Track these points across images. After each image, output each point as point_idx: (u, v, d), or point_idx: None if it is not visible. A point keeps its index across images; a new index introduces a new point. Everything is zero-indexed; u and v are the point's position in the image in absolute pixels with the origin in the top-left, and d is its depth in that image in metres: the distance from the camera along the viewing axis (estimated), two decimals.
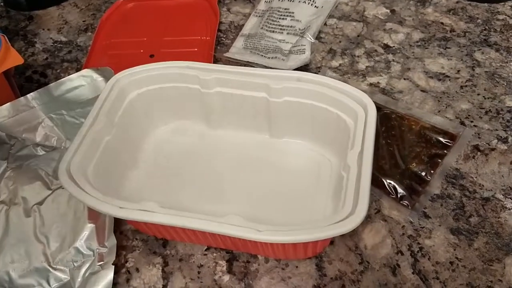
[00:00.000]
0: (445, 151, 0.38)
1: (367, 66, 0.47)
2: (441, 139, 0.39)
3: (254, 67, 0.47)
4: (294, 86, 0.35)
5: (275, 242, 0.26)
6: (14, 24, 0.59)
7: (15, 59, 0.41)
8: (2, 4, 0.62)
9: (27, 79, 0.51)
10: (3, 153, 0.41)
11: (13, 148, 0.41)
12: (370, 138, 0.30)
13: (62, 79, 0.41)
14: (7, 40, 0.42)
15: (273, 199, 0.36)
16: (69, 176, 0.31)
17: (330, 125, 0.35)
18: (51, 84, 0.41)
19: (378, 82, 0.45)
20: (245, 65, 0.48)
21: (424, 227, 0.35)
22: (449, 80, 0.45)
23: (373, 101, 0.42)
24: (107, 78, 0.42)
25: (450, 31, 0.49)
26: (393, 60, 0.47)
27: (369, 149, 0.29)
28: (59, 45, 0.55)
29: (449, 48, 0.48)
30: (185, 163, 0.39)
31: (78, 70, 0.51)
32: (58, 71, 0.51)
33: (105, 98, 0.36)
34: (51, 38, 0.56)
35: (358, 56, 0.48)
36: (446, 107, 0.42)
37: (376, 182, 0.37)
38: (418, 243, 0.34)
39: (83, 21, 0.58)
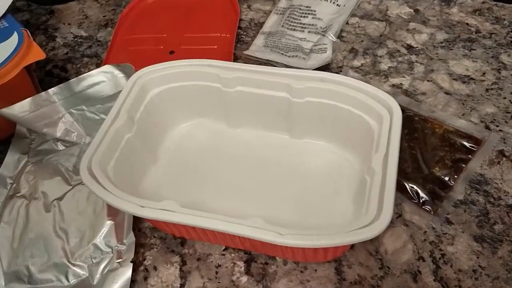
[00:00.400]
0: (469, 155, 0.37)
1: (389, 67, 0.46)
2: (465, 143, 0.38)
3: (274, 65, 0.47)
4: (317, 86, 0.34)
5: (297, 247, 0.26)
6: (35, 18, 0.59)
7: (37, 54, 0.41)
8: None
9: (47, 73, 0.51)
10: (24, 148, 0.41)
11: (33, 142, 0.41)
12: (395, 142, 0.29)
13: (83, 75, 0.41)
14: (29, 34, 0.42)
15: (292, 200, 0.35)
16: (90, 173, 0.31)
17: (353, 127, 0.34)
18: (72, 79, 0.41)
19: (400, 83, 0.44)
20: (265, 64, 0.47)
21: (446, 233, 0.34)
22: (474, 82, 0.44)
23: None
24: (127, 75, 0.42)
25: (476, 32, 0.48)
26: (416, 61, 0.46)
27: (394, 153, 0.29)
28: (80, 40, 0.55)
29: (474, 49, 0.47)
30: (205, 162, 0.39)
31: (98, 65, 0.51)
32: (78, 65, 0.52)
33: (126, 95, 0.36)
34: (71, 32, 0.56)
35: (380, 56, 0.47)
36: (471, 111, 0.42)
37: (398, 186, 0.36)
38: (440, 250, 0.34)
39: (103, 16, 0.58)
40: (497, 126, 0.40)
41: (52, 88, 0.41)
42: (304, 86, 0.34)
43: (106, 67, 0.41)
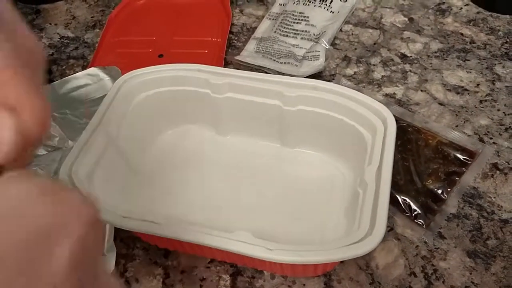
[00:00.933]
0: (463, 168, 0.37)
1: (383, 76, 0.45)
2: (459, 156, 0.37)
3: (266, 71, 0.46)
4: (310, 95, 0.33)
5: (287, 263, 0.25)
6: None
7: None
8: None
9: None
10: None
11: None
12: (389, 154, 0.28)
13: (68, 77, 0.40)
14: None
15: (282, 211, 0.34)
16: (70, 180, 0.29)
17: (346, 137, 0.33)
18: (56, 81, 0.40)
19: (394, 93, 0.44)
20: (256, 70, 0.46)
21: (439, 248, 0.33)
22: (468, 93, 0.43)
23: None
24: (114, 78, 0.40)
25: (470, 43, 0.48)
26: (410, 71, 0.46)
27: (388, 166, 0.28)
28: (66, 41, 0.53)
29: (468, 60, 0.46)
30: (191, 170, 0.38)
31: (84, 67, 0.49)
32: (64, 67, 0.50)
33: (112, 99, 0.34)
34: (57, 33, 0.55)
35: (374, 65, 0.47)
36: (465, 122, 0.41)
37: (390, 198, 0.35)
38: (433, 265, 0.33)
39: (92, 17, 0.57)
40: (491, 138, 0.39)
41: None
42: (296, 94, 0.33)
43: (92, 70, 0.40)
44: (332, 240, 0.25)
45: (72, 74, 0.41)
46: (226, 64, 0.48)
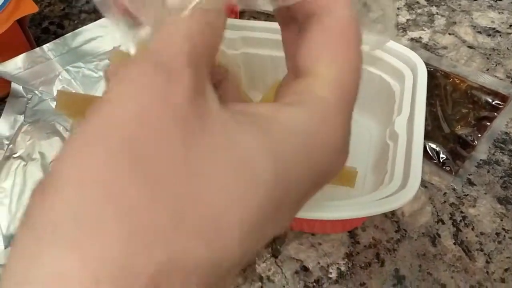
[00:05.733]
0: (494, 113, 0.35)
1: (408, 20, 0.43)
2: (490, 100, 0.35)
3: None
4: None
5: (322, 219, 0.24)
6: None
7: (29, 7, 0.38)
8: None
9: (43, 31, 0.48)
10: (20, 107, 0.39)
11: (30, 102, 0.39)
12: (421, 103, 0.27)
13: (79, 29, 0.39)
14: None
15: None
16: None
17: (370, 89, 0.31)
18: (68, 34, 0.39)
19: (420, 37, 0.41)
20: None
21: (468, 194, 0.32)
22: (500, 35, 0.40)
23: None
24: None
25: None
26: (437, 13, 0.43)
27: (420, 114, 0.26)
28: None
29: (500, 0, 0.43)
30: None
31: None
32: (76, 22, 0.49)
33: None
34: None
35: (398, 8, 0.44)
36: (496, 65, 0.38)
37: None
38: (461, 212, 0.32)
39: None
40: None
41: (47, 44, 0.39)
42: None
43: (103, 21, 0.38)
44: (360, 196, 0.24)
45: None
46: (240, 14, 0.46)
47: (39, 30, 0.49)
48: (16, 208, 0.33)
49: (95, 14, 0.49)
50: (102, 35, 0.39)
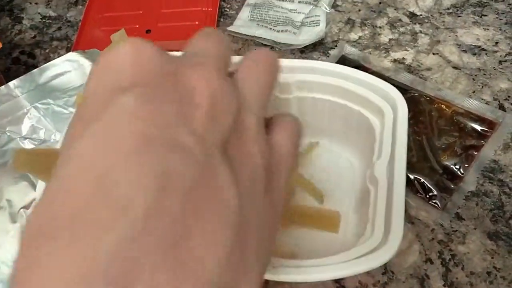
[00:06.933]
0: (481, 141, 0.33)
1: (390, 39, 0.41)
2: (477, 127, 0.34)
3: (261, 42, 0.42)
4: (308, 79, 0.29)
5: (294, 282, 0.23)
6: None
7: None
8: None
9: (14, 61, 0.47)
10: None
11: None
12: (401, 144, 0.25)
13: (46, 64, 0.37)
14: None
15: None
16: None
17: (351, 125, 0.30)
18: (35, 70, 0.37)
19: (403, 58, 0.40)
20: (251, 41, 0.43)
21: (457, 230, 0.31)
22: (486, 54, 0.39)
23: (398, 81, 0.37)
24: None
25: None
26: (421, 31, 0.41)
27: (401, 158, 0.25)
28: (48, 20, 0.50)
29: (485, 15, 0.41)
30: None
31: (68, 49, 0.46)
32: (47, 50, 0.47)
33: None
34: (39, 13, 0.51)
35: (380, 27, 0.42)
36: (483, 87, 0.37)
37: None
38: (450, 250, 0.30)
39: None
40: None
41: (13, 81, 0.37)
42: (292, 80, 0.29)
43: (70, 55, 0.37)
44: (342, 241, 0.23)
45: (56, 58, 0.38)
46: None
47: (10, 60, 0.47)
48: None
49: (67, 41, 0.47)
50: (70, 70, 0.37)
